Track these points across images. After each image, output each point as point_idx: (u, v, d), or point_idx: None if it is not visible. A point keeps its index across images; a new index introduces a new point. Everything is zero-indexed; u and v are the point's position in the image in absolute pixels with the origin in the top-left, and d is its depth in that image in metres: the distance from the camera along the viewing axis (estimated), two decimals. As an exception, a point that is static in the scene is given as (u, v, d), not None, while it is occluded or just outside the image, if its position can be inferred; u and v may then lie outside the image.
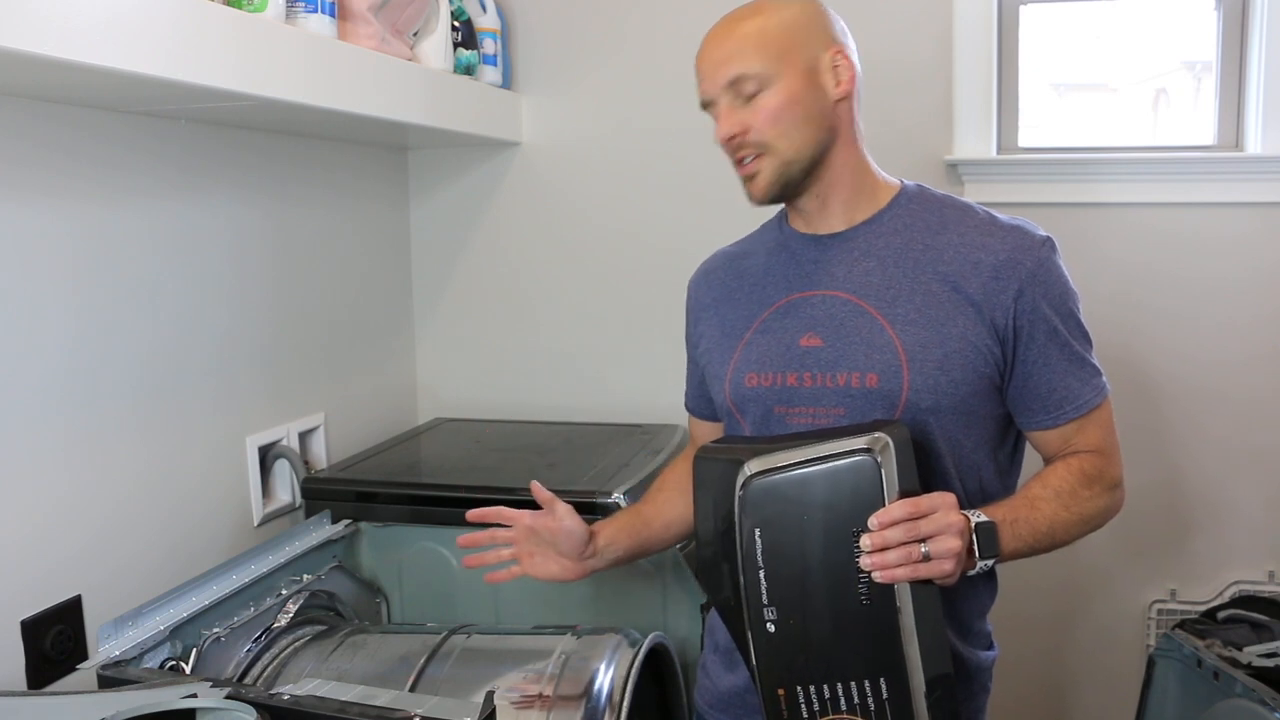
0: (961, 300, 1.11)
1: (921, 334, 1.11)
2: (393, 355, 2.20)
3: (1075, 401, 1.13)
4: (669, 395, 2.15)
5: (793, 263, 1.21)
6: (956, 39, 1.94)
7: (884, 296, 1.13)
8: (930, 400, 1.10)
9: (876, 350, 1.12)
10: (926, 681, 1.00)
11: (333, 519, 1.61)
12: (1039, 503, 1.10)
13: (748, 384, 1.18)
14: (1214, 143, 1.95)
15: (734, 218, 2.20)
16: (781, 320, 1.19)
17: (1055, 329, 1.11)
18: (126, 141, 1.44)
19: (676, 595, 1.48)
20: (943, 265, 1.13)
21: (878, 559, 0.98)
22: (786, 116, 1.12)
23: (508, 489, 1.66)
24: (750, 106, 1.12)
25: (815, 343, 1.15)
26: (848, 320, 1.14)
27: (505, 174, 2.19)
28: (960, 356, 1.10)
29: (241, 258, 1.68)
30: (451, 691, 1.22)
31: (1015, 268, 1.11)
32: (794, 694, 1.03)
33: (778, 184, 1.15)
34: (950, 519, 0.99)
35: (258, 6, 1.31)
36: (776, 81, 1.11)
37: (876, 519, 0.98)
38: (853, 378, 1.12)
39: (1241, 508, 1.95)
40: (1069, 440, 1.15)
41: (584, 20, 2.11)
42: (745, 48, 1.12)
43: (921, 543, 0.98)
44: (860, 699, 1.01)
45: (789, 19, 1.13)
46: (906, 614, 0.99)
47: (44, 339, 1.32)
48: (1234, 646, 1.61)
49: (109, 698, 1.04)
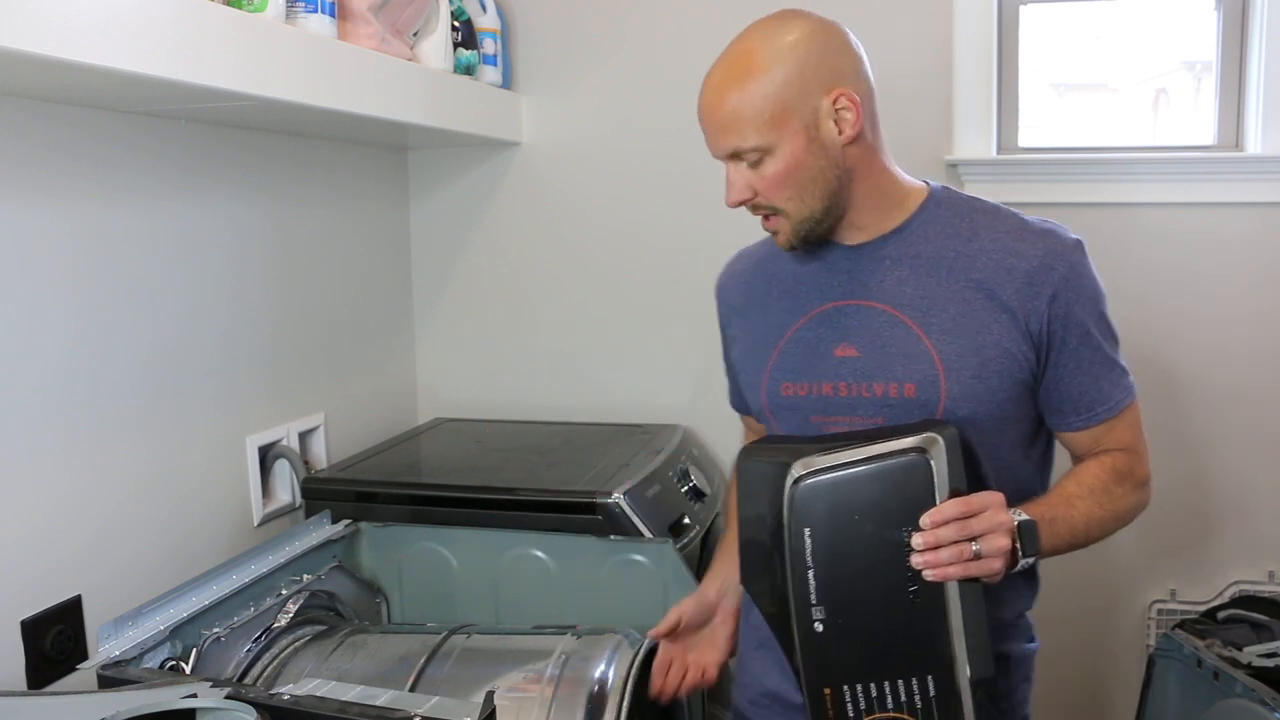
0: (996, 307, 1.11)
1: (957, 343, 1.11)
2: (393, 355, 2.20)
3: (1107, 403, 1.14)
4: (669, 395, 2.16)
5: (825, 271, 1.20)
6: (956, 39, 1.94)
7: (919, 306, 1.14)
8: (968, 409, 1.11)
9: (913, 360, 1.12)
10: (971, 683, 1.01)
11: (333, 519, 1.61)
12: (1075, 500, 1.12)
13: (783, 393, 1.19)
14: (1214, 143, 1.95)
15: (733, 217, 2.19)
16: (816, 330, 1.19)
17: (1087, 332, 1.13)
18: (126, 141, 1.44)
19: (676, 594, 1.47)
20: (976, 272, 1.13)
21: (930, 557, 0.99)
22: (792, 181, 1.11)
23: (508, 489, 1.66)
24: (756, 172, 1.12)
25: (850, 353, 1.15)
26: (883, 331, 1.15)
27: (505, 174, 2.19)
28: (996, 364, 1.11)
29: (241, 258, 1.68)
30: (451, 691, 1.22)
31: (1049, 273, 1.11)
32: (840, 693, 1.04)
33: (798, 237, 1.15)
34: (1000, 518, 1.01)
35: (258, 6, 1.31)
36: (777, 149, 1.09)
37: (929, 518, 0.99)
38: (890, 388, 1.13)
39: (1241, 508, 1.95)
40: (1099, 440, 1.16)
41: (584, 20, 2.11)
42: (738, 122, 1.09)
43: (973, 541, 0.99)
44: (907, 697, 1.03)
45: (780, 79, 1.08)
46: (954, 612, 1.01)
47: (44, 339, 1.32)
48: (1234, 646, 1.61)
49: (109, 698, 1.04)
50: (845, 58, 1.11)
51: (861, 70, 1.13)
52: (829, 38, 1.11)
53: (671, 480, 1.75)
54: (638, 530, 1.55)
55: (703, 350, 2.13)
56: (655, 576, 1.49)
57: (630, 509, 1.56)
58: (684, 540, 1.62)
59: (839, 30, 1.13)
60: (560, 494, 1.62)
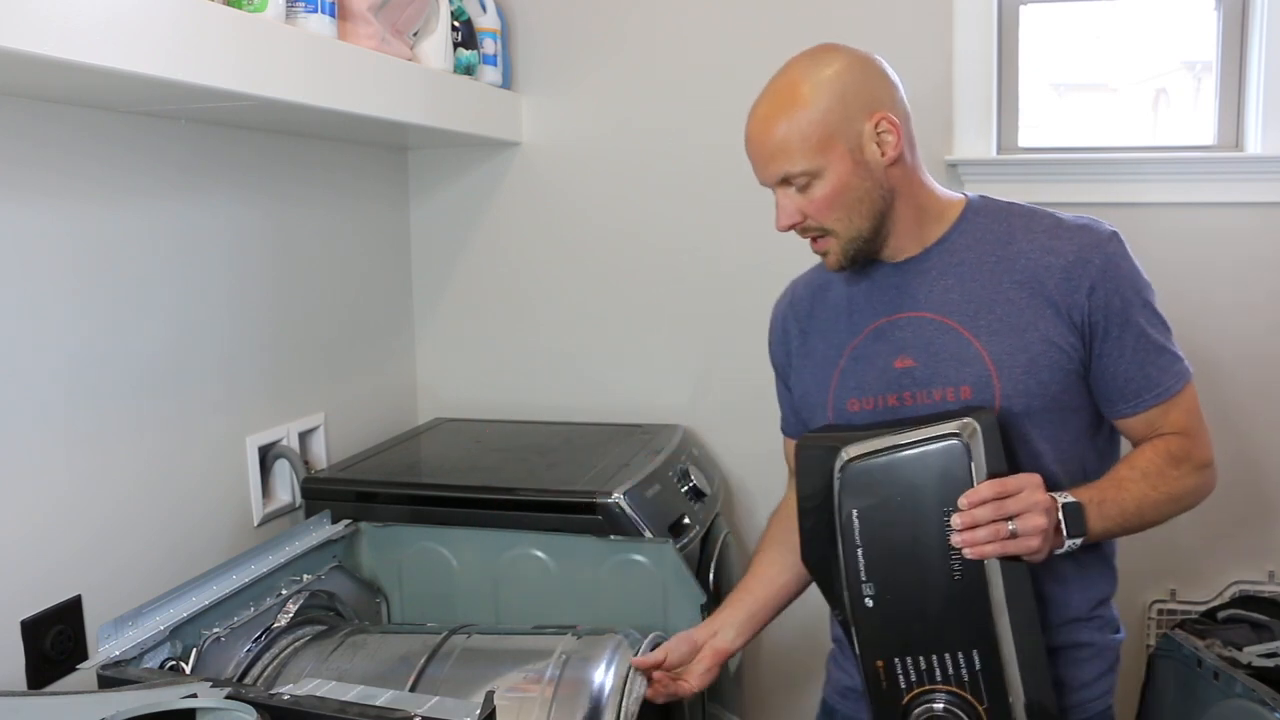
0: (1039, 303, 1.16)
1: (1006, 342, 1.16)
2: (393, 355, 2.20)
3: (1155, 389, 1.18)
4: (669, 395, 2.16)
5: (875, 290, 1.26)
6: (957, 39, 1.94)
7: (965, 311, 1.19)
8: (1023, 404, 1.16)
9: (966, 364, 1.17)
10: (1027, 704, 1.07)
11: (333, 519, 1.61)
12: (1126, 483, 1.16)
13: (850, 409, 1.24)
14: (1214, 143, 1.95)
15: (733, 218, 2.20)
16: (873, 345, 1.24)
17: (1129, 319, 1.16)
18: (126, 141, 1.44)
19: (676, 594, 1.47)
20: (1017, 273, 1.18)
21: (968, 536, 1.05)
22: (840, 203, 1.17)
23: (508, 489, 1.66)
24: (805, 196, 1.17)
25: (908, 363, 1.21)
26: (935, 338, 1.20)
27: (505, 174, 2.18)
28: (1045, 358, 1.16)
29: (241, 258, 1.68)
30: (451, 691, 1.22)
31: (1085, 265, 1.16)
32: (892, 665, 1.11)
33: (847, 258, 1.21)
34: (1036, 498, 1.06)
35: (257, 6, 1.31)
36: (824, 173, 1.15)
37: (966, 498, 1.06)
38: (947, 392, 1.18)
39: (1241, 508, 1.95)
40: (1154, 425, 1.20)
41: (584, 20, 2.11)
42: (787, 149, 1.15)
43: (1009, 520, 1.05)
44: (955, 670, 1.09)
45: (824, 106, 1.14)
46: (996, 588, 1.07)
47: (44, 339, 1.31)
48: (1234, 646, 1.61)
49: (109, 698, 1.04)
50: (883, 85, 1.19)
51: (898, 96, 1.20)
52: (866, 67, 1.19)
53: (671, 480, 1.75)
54: (638, 530, 1.55)
55: (703, 350, 2.14)
56: (655, 576, 1.49)
57: (630, 509, 1.56)
58: (684, 540, 1.62)
59: (875, 60, 1.20)
60: (560, 494, 1.62)
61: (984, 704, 1.09)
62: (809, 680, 2.10)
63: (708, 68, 2.04)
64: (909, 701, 1.11)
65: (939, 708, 1.10)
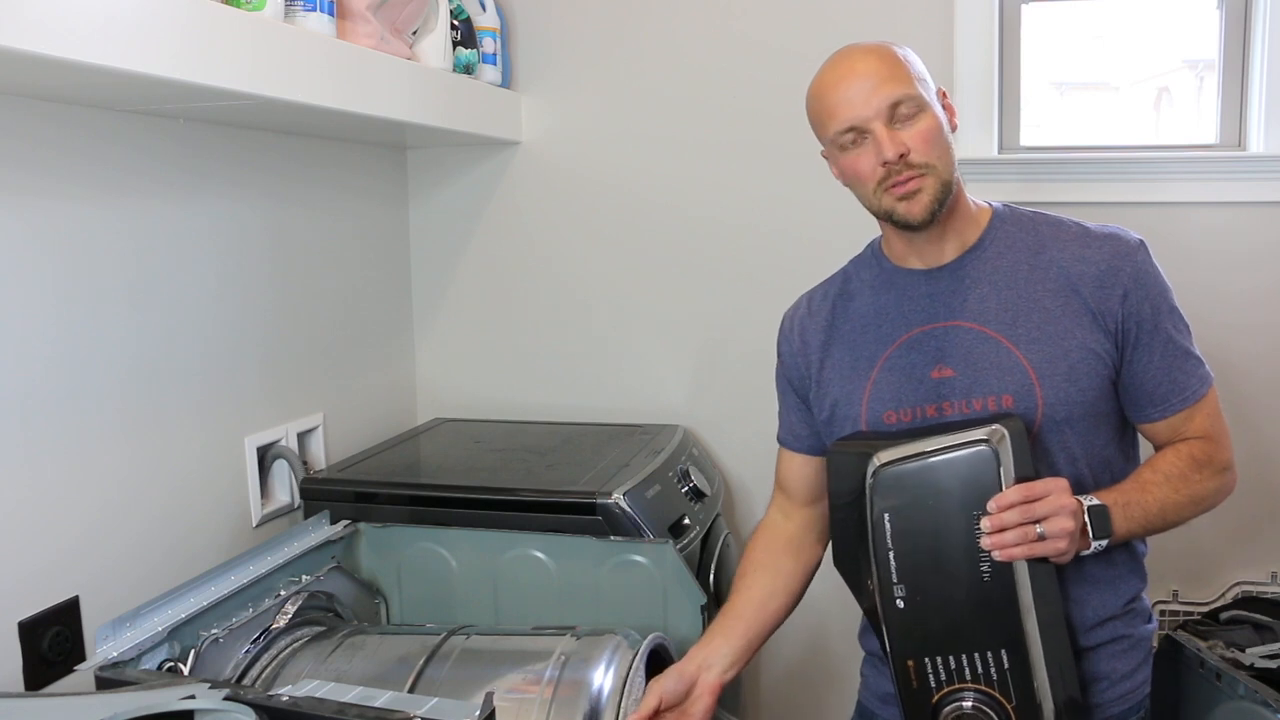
0: (1075, 310, 1.17)
1: (1046, 350, 1.17)
2: (392, 355, 2.19)
3: (1182, 394, 1.19)
4: (669, 395, 2.16)
5: (905, 299, 1.26)
6: (958, 38, 1.94)
7: (1003, 319, 1.19)
8: (1064, 412, 1.16)
9: (1007, 373, 1.18)
10: (1054, 702, 1.09)
11: (331, 519, 1.61)
12: (1150, 486, 1.17)
13: (887, 421, 1.23)
14: (1216, 142, 1.95)
15: (733, 219, 2.19)
16: (908, 355, 1.24)
17: (1158, 326, 1.18)
18: (125, 141, 1.44)
19: (676, 595, 1.47)
20: (1050, 282, 1.19)
21: (996, 539, 1.07)
22: (939, 140, 1.18)
23: (508, 489, 1.66)
24: (910, 128, 1.16)
25: (948, 373, 1.21)
26: (975, 348, 1.20)
27: (505, 173, 2.18)
28: (1085, 365, 1.17)
29: (240, 257, 1.68)
30: (451, 692, 1.21)
31: (1117, 274, 1.17)
32: (922, 665, 1.14)
33: (937, 202, 1.18)
34: (1062, 501, 1.08)
35: (256, 5, 1.31)
36: (928, 107, 1.17)
37: (994, 503, 1.08)
38: (989, 401, 1.18)
39: (1244, 508, 1.94)
40: (1177, 429, 1.21)
41: (584, 20, 2.10)
42: (902, 74, 1.17)
43: (1036, 524, 1.07)
44: (984, 669, 1.12)
45: (911, 58, 1.20)
46: (1024, 590, 1.09)
47: (41, 339, 1.31)
48: (1236, 648, 1.60)
49: (107, 699, 1.04)
50: None
51: None
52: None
53: (671, 481, 1.75)
54: (637, 531, 1.55)
55: (703, 350, 2.14)
56: (655, 577, 1.49)
57: (630, 509, 1.56)
58: (684, 541, 1.62)
59: None
60: (560, 494, 1.61)
61: (1012, 702, 1.11)
62: (809, 680, 2.09)
63: (708, 68, 2.04)
64: (939, 700, 1.14)
65: (968, 706, 1.12)
